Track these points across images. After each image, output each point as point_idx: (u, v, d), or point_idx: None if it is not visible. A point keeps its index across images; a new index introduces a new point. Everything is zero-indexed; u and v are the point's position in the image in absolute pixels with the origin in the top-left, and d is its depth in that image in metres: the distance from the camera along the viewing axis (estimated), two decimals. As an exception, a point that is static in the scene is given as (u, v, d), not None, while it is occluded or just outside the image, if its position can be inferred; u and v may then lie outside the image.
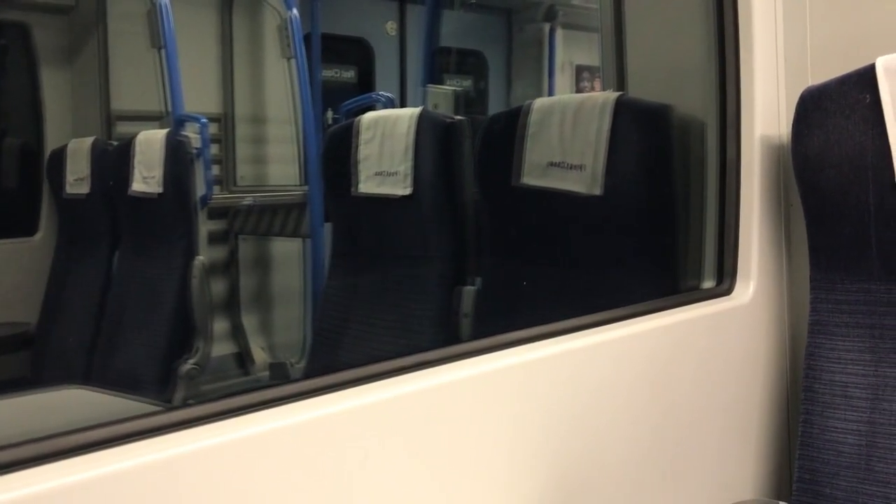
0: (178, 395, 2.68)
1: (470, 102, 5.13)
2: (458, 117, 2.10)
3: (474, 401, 1.08)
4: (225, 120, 4.02)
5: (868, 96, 1.36)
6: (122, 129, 3.43)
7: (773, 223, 1.54)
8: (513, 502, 1.11)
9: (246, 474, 0.86)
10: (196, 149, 3.07)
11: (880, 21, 1.49)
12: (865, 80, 1.37)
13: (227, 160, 4.03)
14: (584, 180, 1.71)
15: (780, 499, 1.42)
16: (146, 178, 2.79)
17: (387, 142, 2.11)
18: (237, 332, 3.86)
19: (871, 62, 1.37)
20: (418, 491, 1.01)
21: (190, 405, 0.87)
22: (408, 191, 2.05)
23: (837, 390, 1.39)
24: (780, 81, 1.56)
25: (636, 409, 1.29)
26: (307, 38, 3.97)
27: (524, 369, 1.14)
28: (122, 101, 3.49)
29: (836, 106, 1.39)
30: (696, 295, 1.52)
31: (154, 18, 3.34)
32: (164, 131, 2.94)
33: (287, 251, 3.99)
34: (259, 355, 3.86)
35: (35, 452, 0.76)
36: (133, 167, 2.82)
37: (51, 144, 3.30)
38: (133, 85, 3.55)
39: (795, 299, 1.56)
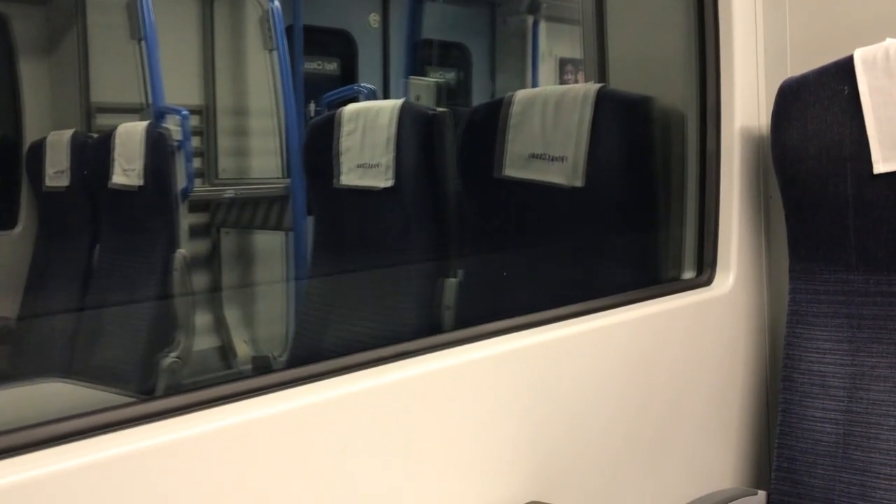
0: (160, 389, 2.67)
1: (453, 94, 5.13)
2: (441, 109, 2.09)
3: (455, 390, 1.08)
4: (206, 112, 3.99)
5: (846, 87, 1.37)
6: (102, 121, 3.40)
7: (753, 214, 1.55)
8: (493, 490, 1.12)
9: (224, 464, 0.85)
10: (177, 141, 3.05)
11: (859, 13, 1.50)
12: (844, 71, 1.38)
13: (208, 153, 4.00)
14: (566, 172, 1.72)
15: (758, 487, 1.43)
16: (126, 170, 2.77)
17: (368, 134, 2.10)
18: (219, 326, 3.84)
19: (849, 54, 1.38)
20: (398, 480, 1.01)
21: (168, 396, 0.87)
22: (389, 183, 2.05)
23: (815, 380, 1.41)
24: (760, 73, 1.57)
25: (616, 399, 1.30)
26: (289, 30, 3.94)
27: (505, 359, 1.15)
28: (102, 93, 3.46)
29: (815, 97, 1.40)
30: (676, 285, 1.53)
31: (134, 9, 3.30)
32: (144, 123, 2.92)
33: (269, 244, 3.97)
34: (242, 349, 3.84)
35: (12, 443, 0.75)
36: (113, 160, 2.79)
37: (30, 137, 3.26)
38: (113, 77, 3.52)
39: (775, 290, 1.57)
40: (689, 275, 1.58)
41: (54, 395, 1.35)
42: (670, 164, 1.67)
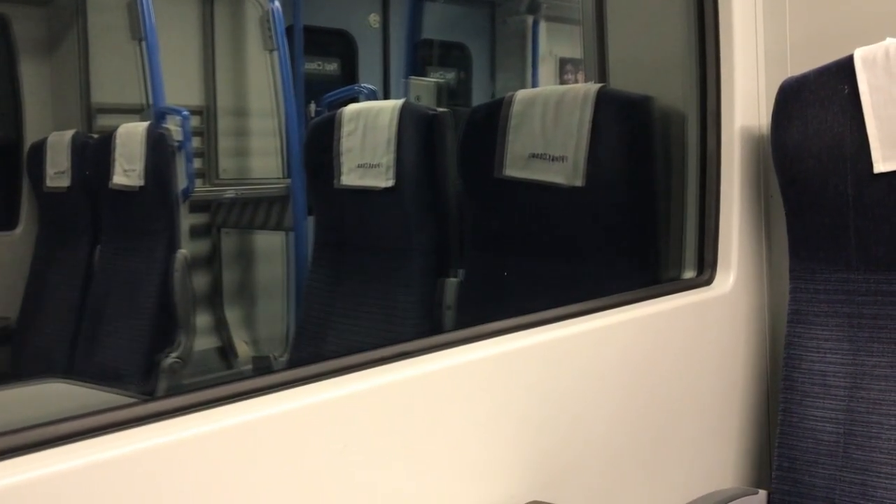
0: (161, 390, 2.67)
1: (453, 94, 5.13)
2: (441, 109, 2.09)
3: (455, 390, 1.08)
4: (207, 112, 3.99)
5: (846, 87, 1.37)
6: (103, 121, 3.40)
7: (753, 213, 1.55)
8: (494, 490, 1.12)
9: (224, 464, 0.85)
10: (177, 141, 3.05)
11: (859, 13, 1.50)
12: (844, 70, 1.38)
13: (209, 153, 4.01)
14: (566, 172, 1.72)
15: (759, 487, 1.43)
16: (127, 171, 2.77)
17: (369, 134, 2.10)
18: (220, 326, 3.84)
19: (849, 53, 1.38)
20: (398, 480, 1.02)
21: (169, 396, 0.87)
22: (390, 183, 2.05)
23: (816, 379, 1.41)
24: (760, 73, 1.57)
25: (617, 399, 1.30)
26: (289, 30, 3.94)
27: (505, 359, 1.15)
28: (103, 93, 3.46)
29: (815, 97, 1.40)
30: (676, 285, 1.53)
31: (134, 10, 3.31)
32: (145, 124, 2.92)
33: (270, 244, 3.98)
34: (242, 349, 3.84)
35: (13, 444, 0.75)
36: (114, 160, 2.80)
37: (30, 137, 3.27)
38: (114, 77, 3.52)
39: (775, 289, 1.57)
40: (689, 274, 1.58)
41: (55, 395, 1.35)
42: (671, 163, 1.67)
